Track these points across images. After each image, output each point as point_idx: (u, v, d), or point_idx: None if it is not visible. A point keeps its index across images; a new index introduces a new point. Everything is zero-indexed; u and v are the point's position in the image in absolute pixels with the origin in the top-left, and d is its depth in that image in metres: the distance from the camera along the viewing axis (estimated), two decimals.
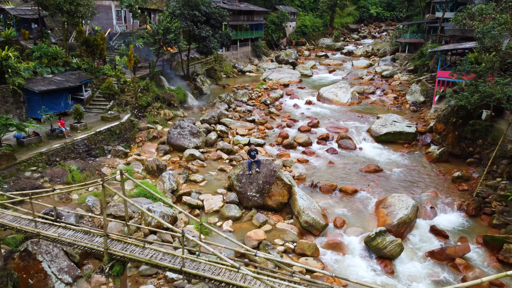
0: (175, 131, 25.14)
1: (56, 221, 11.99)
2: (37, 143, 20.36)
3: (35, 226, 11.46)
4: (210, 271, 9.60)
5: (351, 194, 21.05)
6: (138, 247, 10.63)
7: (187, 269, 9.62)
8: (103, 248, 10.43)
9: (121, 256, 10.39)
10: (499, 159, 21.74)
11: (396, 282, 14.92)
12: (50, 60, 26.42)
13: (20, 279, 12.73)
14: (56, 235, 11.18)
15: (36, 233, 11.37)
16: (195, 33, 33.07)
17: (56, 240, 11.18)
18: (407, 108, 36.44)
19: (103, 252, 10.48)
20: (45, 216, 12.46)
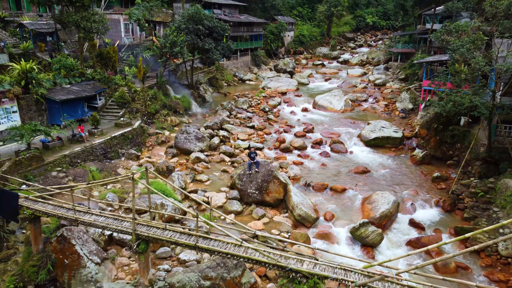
0: (182, 136, 27.67)
1: (89, 210, 14.47)
2: (60, 146, 22.87)
3: (74, 214, 13.93)
4: (219, 246, 12.05)
5: (341, 192, 23.53)
6: (159, 229, 13.08)
7: (200, 245, 12.07)
8: (132, 230, 12.89)
9: (146, 235, 12.84)
10: (473, 161, 24.27)
11: None
12: (68, 71, 29.00)
13: (57, 259, 15.14)
14: (92, 219, 13.64)
15: (75, 219, 13.84)
16: (199, 45, 35.74)
17: (91, 224, 13.66)
18: (397, 115, 38.99)
19: (132, 233, 12.93)
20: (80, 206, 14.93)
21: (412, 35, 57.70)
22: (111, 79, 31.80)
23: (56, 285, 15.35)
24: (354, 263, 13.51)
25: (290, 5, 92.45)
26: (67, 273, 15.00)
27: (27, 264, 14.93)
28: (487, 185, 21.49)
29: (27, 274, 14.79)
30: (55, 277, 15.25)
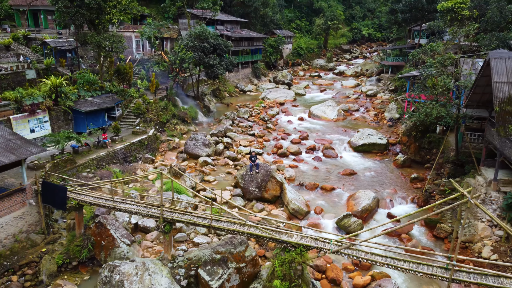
0: (191, 143, 31.39)
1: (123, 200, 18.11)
2: (88, 151, 26.54)
3: (113, 203, 17.57)
4: (228, 226, 15.66)
5: (329, 191, 27.16)
6: (181, 213, 16.71)
7: (214, 224, 15.69)
8: (159, 214, 16.52)
9: (171, 218, 16.46)
10: (445, 163, 27.96)
11: None
12: (90, 85, 32.79)
13: (95, 241, 18.72)
14: (127, 207, 17.29)
15: (113, 207, 17.48)
16: (205, 61, 39.61)
17: (127, 210, 17.30)
18: (385, 123, 42.72)
19: (159, 217, 16.55)
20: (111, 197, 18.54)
21: (402, 49, 61.69)
22: (127, 91, 35.60)
23: (94, 263, 18.93)
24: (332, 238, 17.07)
25: (288, 19, 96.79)
26: (104, 252, 18.57)
27: (72, 244, 18.53)
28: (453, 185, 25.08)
29: (72, 253, 18.38)
30: (94, 256, 18.83)
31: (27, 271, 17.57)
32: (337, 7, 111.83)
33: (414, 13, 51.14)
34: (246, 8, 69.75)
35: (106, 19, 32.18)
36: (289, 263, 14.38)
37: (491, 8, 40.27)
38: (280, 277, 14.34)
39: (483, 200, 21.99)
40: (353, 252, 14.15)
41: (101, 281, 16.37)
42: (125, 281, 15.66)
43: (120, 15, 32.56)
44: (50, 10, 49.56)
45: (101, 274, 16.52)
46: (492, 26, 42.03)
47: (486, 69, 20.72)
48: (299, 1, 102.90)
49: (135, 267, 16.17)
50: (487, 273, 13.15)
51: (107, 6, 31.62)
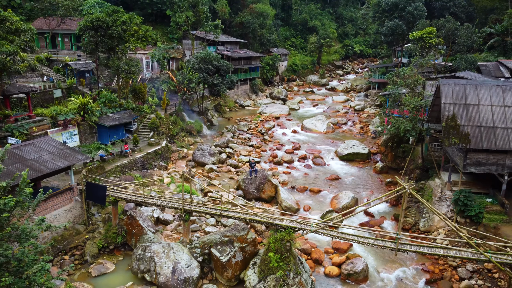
0: (198, 152, 36.39)
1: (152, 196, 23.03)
2: (113, 159, 31.46)
3: (144, 198, 22.49)
4: (234, 214, 20.58)
5: (317, 193, 32.12)
6: (198, 205, 21.63)
7: (224, 213, 20.61)
8: (181, 206, 21.43)
9: (190, 209, 21.38)
10: (414, 169, 33.05)
11: None
12: (110, 103, 37.85)
13: (127, 230, 23.52)
14: (155, 201, 22.20)
15: (144, 201, 22.38)
16: (209, 81, 44.87)
17: (155, 204, 22.21)
18: (369, 135, 47.91)
19: (181, 208, 21.44)
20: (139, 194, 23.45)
21: (388, 67, 67.35)
22: (141, 108, 40.69)
23: (126, 248, 23.71)
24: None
25: (284, 37, 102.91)
26: (134, 238, 23.36)
27: (109, 232, 23.35)
28: (419, 186, 30.20)
29: (109, 239, 23.20)
30: (126, 242, 23.62)
31: (75, 252, 22.37)
32: (330, 25, 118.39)
33: (396, 36, 56.83)
34: (244, 29, 75.53)
35: (125, 46, 37.44)
36: (280, 240, 19.28)
37: (460, 34, 45.94)
38: (273, 250, 19.22)
39: (440, 198, 27.03)
40: (328, 231, 19.12)
41: (135, 258, 21.25)
42: (155, 257, 20.53)
43: (137, 43, 37.78)
44: (67, 33, 55.04)
45: (135, 252, 21.41)
46: (463, 49, 47.79)
47: (438, 92, 25.98)
48: (294, 20, 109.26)
49: (162, 247, 21.07)
50: (423, 244, 18.14)
51: (126, 35, 36.90)
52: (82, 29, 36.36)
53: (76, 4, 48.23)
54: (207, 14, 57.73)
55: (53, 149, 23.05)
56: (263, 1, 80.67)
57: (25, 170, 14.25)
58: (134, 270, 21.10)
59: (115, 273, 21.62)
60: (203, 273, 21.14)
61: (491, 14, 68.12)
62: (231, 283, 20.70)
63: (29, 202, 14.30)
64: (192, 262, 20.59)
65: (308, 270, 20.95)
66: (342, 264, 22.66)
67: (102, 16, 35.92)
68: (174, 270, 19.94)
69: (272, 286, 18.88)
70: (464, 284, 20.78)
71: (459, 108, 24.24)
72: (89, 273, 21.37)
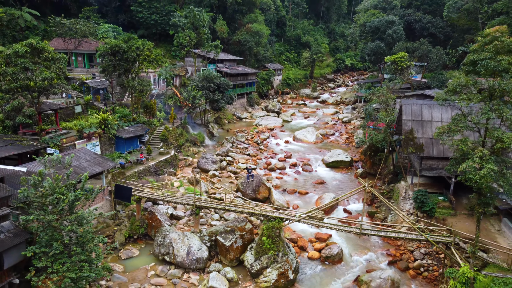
0: (202, 160, 41.96)
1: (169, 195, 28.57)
2: (131, 166, 36.94)
3: (162, 196, 28.00)
4: (236, 208, 26.13)
5: (304, 194, 37.70)
6: (207, 202, 27.17)
7: (228, 208, 26.17)
8: (193, 203, 26.96)
9: (200, 205, 26.91)
10: (387, 174, 38.77)
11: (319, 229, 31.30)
12: (125, 117, 43.42)
13: (148, 223, 28.95)
14: (172, 199, 27.73)
15: (163, 199, 27.89)
16: (211, 97, 50.65)
17: (171, 201, 27.74)
18: (353, 145, 53.68)
19: (193, 204, 26.96)
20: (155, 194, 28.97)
21: (373, 82, 73.48)
22: (151, 121, 46.29)
23: (146, 238, 29.11)
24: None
25: (279, 52, 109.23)
26: (154, 230, 28.78)
27: (134, 225, 28.78)
28: (390, 188, 35.92)
29: (134, 230, 28.61)
30: (147, 233, 29.02)
31: (107, 240, 27.74)
32: (322, 40, 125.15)
33: (378, 55, 63.04)
34: (241, 46, 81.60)
35: (139, 68, 43.21)
36: (272, 227, 24.82)
37: (431, 56, 52.16)
38: (266, 235, 24.75)
39: (404, 197, 32.71)
40: (309, 221, 24.72)
41: (156, 244, 26.71)
42: (173, 242, 26.00)
43: (149, 66, 43.58)
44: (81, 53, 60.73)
45: (157, 240, 26.88)
46: (437, 68, 54.04)
47: (400, 111, 31.82)
48: (288, 36, 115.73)
49: (178, 235, 26.57)
50: (381, 229, 23.78)
51: (140, 59, 42.68)
52: (102, 54, 42.05)
53: (92, 29, 54.03)
54: (207, 35, 63.76)
55: (89, 158, 28.59)
56: (258, 21, 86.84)
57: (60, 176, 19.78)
58: (156, 254, 26.55)
59: (139, 257, 27.06)
60: (210, 256, 26.62)
61: (466, 33, 74.65)
62: (232, 263, 26.16)
63: (90, 195, 19.92)
64: (202, 247, 26.08)
65: (294, 253, 26.44)
66: (322, 249, 28.20)
67: (119, 43, 41.68)
68: (188, 252, 25.41)
69: (265, 263, 24.41)
70: (417, 263, 26.38)
71: (416, 124, 30.07)
72: (119, 256, 26.79)
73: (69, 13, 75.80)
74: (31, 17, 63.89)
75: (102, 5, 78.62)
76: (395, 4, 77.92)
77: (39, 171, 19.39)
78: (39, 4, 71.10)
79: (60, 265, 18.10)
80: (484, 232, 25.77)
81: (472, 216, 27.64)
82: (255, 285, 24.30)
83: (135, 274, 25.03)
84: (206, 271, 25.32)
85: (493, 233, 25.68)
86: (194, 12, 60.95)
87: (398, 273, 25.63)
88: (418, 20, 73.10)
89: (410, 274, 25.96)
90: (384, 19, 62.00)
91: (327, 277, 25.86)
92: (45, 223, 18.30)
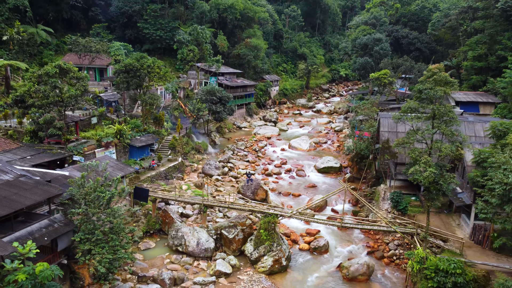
0: (207, 166, 46.92)
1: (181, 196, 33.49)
2: (144, 172, 41.83)
3: (175, 197, 32.92)
4: (237, 206, 31.06)
5: (297, 196, 42.66)
6: (213, 201, 32.09)
7: (230, 206, 31.11)
8: (201, 202, 31.87)
9: (208, 204, 31.83)
10: (371, 178, 43.78)
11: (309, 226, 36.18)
12: (137, 128, 48.38)
13: (162, 220, 33.79)
14: (183, 199, 32.65)
15: (175, 198, 32.80)
16: (213, 109, 55.74)
17: (183, 201, 32.65)
18: (343, 152, 58.71)
19: (201, 203, 31.87)
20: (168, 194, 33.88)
21: (363, 93, 78.72)
22: (160, 131, 51.27)
23: (161, 233, 33.93)
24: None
25: (276, 63, 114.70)
26: (167, 226, 33.60)
27: (150, 221, 33.63)
28: (372, 190, 40.91)
29: (150, 226, 33.46)
30: (161, 228, 33.86)
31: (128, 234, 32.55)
32: (318, 51, 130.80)
33: (366, 70, 68.41)
34: (241, 59, 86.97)
35: (150, 84, 48.32)
36: (268, 222, 29.71)
37: (414, 71, 57.47)
38: (263, 229, 29.64)
39: (383, 198, 37.68)
40: (299, 216, 29.66)
41: (171, 237, 31.57)
42: (184, 235, 30.87)
43: (159, 82, 48.69)
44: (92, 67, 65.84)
45: (170, 233, 31.74)
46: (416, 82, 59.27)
47: (379, 123, 36.92)
48: (285, 48, 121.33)
49: (189, 229, 31.45)
50: (359, 222, 28.73)
51: (151, 76, 47.80)
52: (117, 71, 47.15)
53: (105, 46, 59.25)
54: (210, 51, 69.04)
55: (112, 164, 33.51)
56: (257, 35, 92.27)
57: (100, 178, 24.67)
58: (170, 245, 31.40)
59: (156, 248, 31.90)
60: (216, 247, 31.45)
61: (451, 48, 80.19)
62: (235, 253, 30.99)
63: (122, 193, 24.86)
64: (209, 239, 30.94)
65: (287, 244, 31.30)
66: (311, 242, 33.08)
67: (133, 62, 46.82)
68: (198, 243, 30.28)
69: (262, 252, 29.29)
70: (390, 253, 31.29)
71: (391, 135, 35.16)
72: (139, 248, 31.60)
73: (79, 28, 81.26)
74: (46, 34, 69.02)
75: (110, 21, 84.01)
76: (384, 20, 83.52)
77: (82, 174, 24.33)
78: (51, 21, 76.47)
79: (100, 248, 22.96)
80: (447, 226, 30.78)
81: (438, 213, 32.67)
82: (254, 270, 29.14)
83: (153, 262, 29.85)
84: (213, 259, 30.15)
85: (454, 227, 30.65)
86: (197, 30, 66.28)
87: (374, 261, 30.50)
88: (405, 36, 78.70)
89: (385, 261, 30.86)
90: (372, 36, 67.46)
91: (315, 264, 30.72)
92: (89, 215, 23.17)
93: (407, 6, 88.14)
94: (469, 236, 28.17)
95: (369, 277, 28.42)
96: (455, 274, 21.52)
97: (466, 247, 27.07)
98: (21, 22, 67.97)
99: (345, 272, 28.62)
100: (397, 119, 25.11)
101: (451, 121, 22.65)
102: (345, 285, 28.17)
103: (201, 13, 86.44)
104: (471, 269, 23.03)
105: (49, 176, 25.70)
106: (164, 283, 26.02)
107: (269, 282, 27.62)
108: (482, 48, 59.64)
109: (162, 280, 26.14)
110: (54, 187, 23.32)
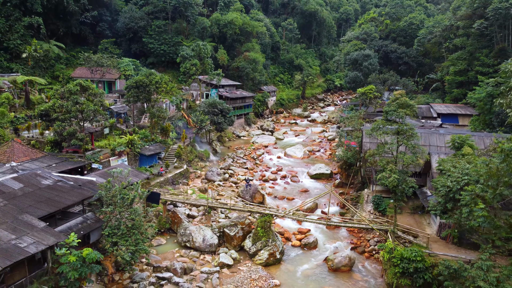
0: (209, 173, 51.76)
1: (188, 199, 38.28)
2: (153, 178, 46.59)
3: (183, 199, 37.70)
4: (238, 207, 35.87)
5: (291, 200, 47.46)
6: (216, 204, 36.90)
7: (232, 208, 35.92)
8: (206, 204, 36.67)
9: (212, 206, 36.64)
10: (357, 183, 48.67)
11: (301, 226, 40.96)
12: (146, 138, 53.21)
13: (172, 220, 38.52)
14: (190, 201, 37.45)
15: (183, 201, 37.60)
16: (215, 120, 60.70)
17: (190, 203, 37.44)
18: (334, 160, 63.59)
19: (206, 205, 36.65)
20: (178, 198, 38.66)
21: (355, 104, 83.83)
22: (166, 141, 56.13)
23: (170, 231, 38.63)
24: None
25: (273, 74, 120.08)
26: (176, 225, 38.31)
27: (161, 221, 38.35)
28: (358, 194, 45.78)
29: (161, 225, 38.17)
30: (171, 228, 38.57)
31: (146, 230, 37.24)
32: (314, 62, 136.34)
33: (356, 83, 73.63)
34: (240, 72, 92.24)
35: (158, 98, 53.28)
36: (264, 221, 34.49)
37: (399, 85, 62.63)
38: (260, 227, 34.41)
39: (367, 200, 42.52)
40: (291, 216, 34.49)
41: (180, 234, 36.32)
42: (192, 233, 35.63)
43: (166, 96, 53.65)
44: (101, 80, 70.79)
45: (179, 231, 36.48)
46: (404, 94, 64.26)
47: (362, 134, 41.88)
48: (282, 59, 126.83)
49: (195, 228, 36.22)
50: (343, 222, 33.57)
51: (159, 91, 52.78)
52: (128, 87, 52.12)
53: (116, 62, 64.31)
54: (211, 65, 74.22)
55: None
56: (255, 49, 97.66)
57: (118, 184, 29.44)
58: (179, 242, 36.11)
59: (167, 244, 36.63)
60: (219, 243, 36.16)
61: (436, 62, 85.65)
62: (236, 248, 35.71)
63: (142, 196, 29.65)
64: (213, 236, 35.69)
65: (281, 240, 36.03)
66: (302, 239, 37.83)
67: (142, 78, 51.81)
68: (204, 239, 35.01)
69: (259, 247, 34.05)
70: (370, 248, 36.05)
71: (372, 145, 40.10)
72: (151, 244, 36.29)
73: (87, 43, 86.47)
74: (58, 49, 74.09)
75: (117, 36, 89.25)
76: (374, 36, 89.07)
77: (108, 180, 29.12)
78: (62, 36, 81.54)
79: (124, 241, 27.68)
80: (419, 224, 35.60)
81: (413, 214, 37.53)
82: (252, 262, 33.87)
83: (165, 255, 34.55)
84: (217, 253, 34.85)
85: (424, 225, 35.49)
86: (200, 46, 71.50)
87: (356, 255, 35.26)
88: (394, 51, 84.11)
89: (365, 256, 35.61)
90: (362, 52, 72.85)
91: (305, 257, 35.46)
92: (115, 213, 27.93)
93: (397, 22, 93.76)
94: (436, 233, 33.00)
95: (351, 268, 33.16)
96: (416, 261, 26.31)
97: (433, 242, 31.86)
98: (35, 38, 73.09)
99: (330, 263, 33.36)
100: (368, 134, 30.09)
101: (412, 137, 27.67)
102: (330, 275, 32.92)
103: (203, 29, 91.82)
104: (431, 258, 27.83)
105: (80, 181, 30.46)
106: (176, 272, 30.72)
107: (265, 272, 32.35)
108: (463, 64, 64.97)
109: (175, 269, 30.85)
110: (87, 190, 28.10)
